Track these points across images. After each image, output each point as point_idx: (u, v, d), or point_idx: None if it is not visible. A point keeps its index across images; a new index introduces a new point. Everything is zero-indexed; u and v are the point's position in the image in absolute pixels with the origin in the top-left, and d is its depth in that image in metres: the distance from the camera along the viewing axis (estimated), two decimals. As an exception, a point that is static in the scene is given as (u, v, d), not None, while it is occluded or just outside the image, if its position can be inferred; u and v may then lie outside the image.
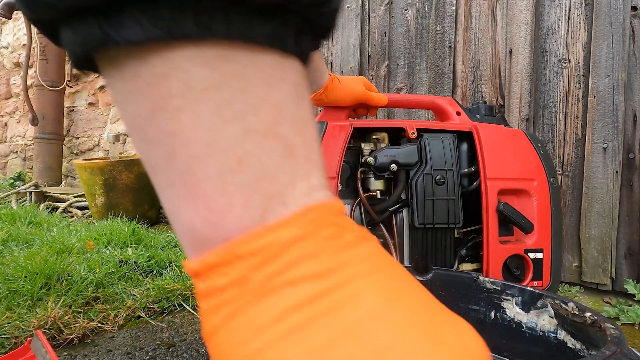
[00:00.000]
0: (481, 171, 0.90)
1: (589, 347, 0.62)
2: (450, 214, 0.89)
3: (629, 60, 1.17)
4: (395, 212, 0.93)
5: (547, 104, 1.28)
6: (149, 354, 0.79)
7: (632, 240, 1.17)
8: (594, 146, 1.21)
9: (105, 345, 0.81)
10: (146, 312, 0.97)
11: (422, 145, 0.92)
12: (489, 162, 0.90)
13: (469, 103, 1.40)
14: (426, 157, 0.90)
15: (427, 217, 0.88)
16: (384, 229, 0.92)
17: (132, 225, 1.70)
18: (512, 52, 1.33)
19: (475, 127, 0.94)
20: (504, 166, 0.91)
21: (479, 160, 0.91)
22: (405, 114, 1.51)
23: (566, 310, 0.66)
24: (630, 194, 1.17)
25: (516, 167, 0.92)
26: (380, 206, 0.93)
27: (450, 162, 0.90)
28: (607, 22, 1.19)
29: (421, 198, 0.89)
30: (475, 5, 1.40)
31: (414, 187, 0.90)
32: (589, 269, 1.21)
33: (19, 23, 3.61)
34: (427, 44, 1.48)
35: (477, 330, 0.23)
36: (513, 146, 0.94)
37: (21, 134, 3.76)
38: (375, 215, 0.92)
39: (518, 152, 0.93)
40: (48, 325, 0.82)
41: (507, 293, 0.77)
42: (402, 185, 0.92)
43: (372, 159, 0.91)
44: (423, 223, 0.89)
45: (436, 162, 0.90)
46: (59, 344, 0.80)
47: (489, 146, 0.91)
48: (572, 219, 1.25)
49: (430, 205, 0.88)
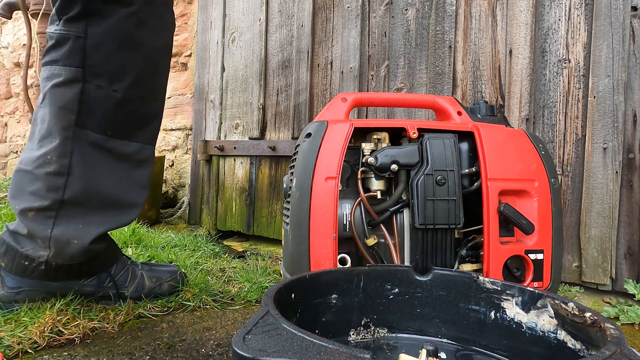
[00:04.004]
0: (482, 172, 0.90)
1: (589, 347, 0.62)
2: (450, 214, 0.89)
3: (629, 60, 1.17)
4: (396, 212, 0.93)
5: (547, 104, 1.28)
6: (149, 354, 0.79)
7: (632, 240, 1.17)
8: (594, 146, 1.21)
9: (105, 345, 0.81)
10: (146, 312, 0.97)
11: (423, 145, 0.91)
12: (490, 162, 0.90)
13: (469, 103, 1.40)
14: (427, 158, 0.90)
15: (428, 217, 0.88)
16: (384, 229, 0.92)
17: (132, 225, 1.70)
18: (512, 52, 1.33)
19: (476, 127, 0.93)
20: (505, 167, 0.91)
21: (480, 160, 0.90)
22: (406, 113, 1.51)
23: (566, 310, 0.66)
24: (630, 194, 1.17)
25: (517, 167, 0.92)
26: (381, 206, 0.92)
27: (451, 163, 0.90)
28: (607, 22, 1.19)
29: (422, 198, 0.88)
30: (475, 5, 1.40)
31: (414, 188, 0.89)
32: (589, 269, 1.21)
33: (19, 23, 3.61)
34: (427, 44, 1.48)
35: (477, 330, 0.23)
36: (514, 146, 0.93)
37: (21, 134, 3.76)
38: (376, 216, 0.92)
39: (519, 153, 0.93)
40: (48, 329, 0.82)
41: (507, 293, 0.77)
42: (402, 185, 0.92)
43: (373, 159, 0.90)
44: (424, 223, 0.88)
45: (437, 163, 0.90)
46: (59, 344, 0.80)
47: (490, 147, 0.91)
48: (572, 219, 1.25)
49: (431, 206, 0.88)
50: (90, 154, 0.90)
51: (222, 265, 1.43)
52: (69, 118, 0.87)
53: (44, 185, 0.86)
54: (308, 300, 0.80)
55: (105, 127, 0.91)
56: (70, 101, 0.87)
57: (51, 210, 0.87)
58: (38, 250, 0.88)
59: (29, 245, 0.89)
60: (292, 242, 0.89)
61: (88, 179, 0.90)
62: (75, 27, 0.87)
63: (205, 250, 1.62)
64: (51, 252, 0.88)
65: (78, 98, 0.88)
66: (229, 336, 0.89)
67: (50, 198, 0.87)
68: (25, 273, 0.89)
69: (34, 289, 0.90)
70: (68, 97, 0.87)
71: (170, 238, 1.71)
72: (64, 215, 0.88)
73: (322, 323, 0.82)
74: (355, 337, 0.86)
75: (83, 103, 0.88)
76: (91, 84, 0.88)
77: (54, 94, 0.88)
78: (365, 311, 0.87)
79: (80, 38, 0.87)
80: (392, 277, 0.88)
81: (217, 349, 0.82)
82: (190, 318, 0.98)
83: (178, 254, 1.46)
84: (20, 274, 0.89)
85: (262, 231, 1.86)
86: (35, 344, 0.78)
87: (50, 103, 0.88)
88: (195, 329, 0.92)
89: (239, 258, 1.60)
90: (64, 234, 0.88)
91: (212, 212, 2.05)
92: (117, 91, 0.90)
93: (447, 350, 0.79)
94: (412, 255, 0.91)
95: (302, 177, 0.88)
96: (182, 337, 0.87)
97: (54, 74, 0.88)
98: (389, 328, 0.87)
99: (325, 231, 0.85)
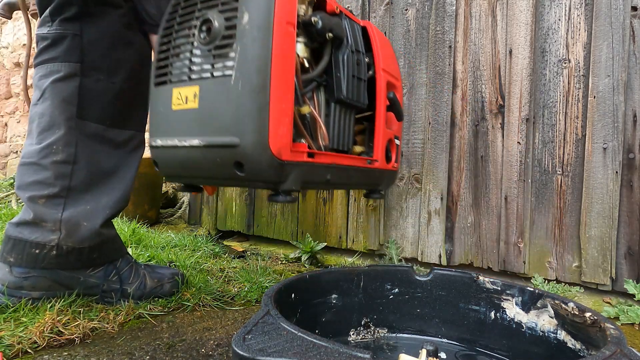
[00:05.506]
0: (376, 62, 0.94)
1: (589, 347, 0.62)
2: (361, 93, 0.90)
3: (629, 60, 1.17)
4: (319, 85, 0.86)
5: (547, 104, 1.28)
6: (149, 354, 0.79)
7: (632, 240, 1.17)
8: (594, 146, 1.21)
9: (105, 345, 0.81)
10: (146, 312, 0.97)
11: (343, 24, 0.88)
12: (382, 55, 0.96)
13: (469, 103, 1.40)
14: (347, 37, 0.88)
15: (349, 92, 0.86)
16: (309, 101, 0.84)
17: (132, 225, 1.70)
18: (512, 52, 1.33)
19: (367, 23, 0.98)
20: (387, 63, 0.98)
21: (374, 53, 0.94)
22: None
23: (566, 310, 0.66)
24: (630, 194, 1.18)
25: (394, 65, 1.02)
26: (306, 76, 0.82)
27: (361, 47, 0.92)
28: (607, 22, 1.19)
29: (348, 73, 0.85)
30: (475, 5, 1.40)
31: (341, 61, 0.85)
32: (589, 269, 1.21)
33: (19, 23, 3.61)
34: (427, 43, 1.48)
35: (477, 330, 0.23)
36: (389, 47, 1.02)
37: (21, 134, 3.76)
38: (302, 85, 0.81)
39: (391, 53, 1.02)
40: (48, 329, 0.82)
41: (507, 293, 0.77)
42: (327, 57, 0.84)
43: (317, 19, 0.79)
44: (346, 98, 0.85)
45: (354, 44, 0.89)
46: (59, 344, 0.80)
47: (379, 42, 0.96)
48: (572, 218, 1.25)
49: (353, 82, 0.87)
50: (92, 143, 0.95)
51: (222, 265, 1.43)
52: (71, 110, 0.93)
53: (52, 173, 0.91)
54: (308, 300, 0.80)
55: (104, 117, 0.97)
56: (70, 94, 0.92)
57: (60, 197, 0.92)
58: (48, 235, 0.90)
59: (37, 232, 0.90)
60: (244, 93, 0.68)
61: (91, 167, 0.95)
62: (71, 27, 0.93)
63: (205, 250, 1.62)
64: (62, 234, 0.91)
65: (77, 91, 0.93)
66: (229, 336, 0.89)
67: (59, 185, 0.91)
68: (36, 262, 0.90)
69: (41, 276, 0.91)
70: (69, 91, 0.92)
71: (170, 238, 1.71)
72: (72, 200, 0.93)
73: (322, 323, 0.82)
74: (355, 337, 0.86)
75: (82, 96, 0.93)
76: (90, 78, 0.94)
77: (54, 89, 0.92)
78: (365, 311, 0.87)
79: (77, 36, 0.93)
80: (392, 277, 0.88)
81: (217, 349, 0.82)
82: (190, 318, 0.98)
83: (178, 254, 1.46)
84: (31, 265, 0.90)
85: (262, 231, 1.86)
86: (35, 343, 0.78)
87: (51, 97, 0.92)
88: (195, 329, 0.92)
89: (239, 258, 1.60)
90: (74, 216, 0.92)
91: (212, 212, 2.05)
92: (115, 83, 0.96)
93: (447, 351, 0.79)
94: (328, 130, 0.86)
95: (261, 17, 0.69)
96: (182, 337, 0.87)
97: (52, 70, 0.92)
98: (389, 328, 0.87)
99: (287, 81, 0.71)
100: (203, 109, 0.71)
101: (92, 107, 0.95)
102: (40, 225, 0.90)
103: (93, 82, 0.94)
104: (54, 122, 0.92)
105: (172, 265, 1.29)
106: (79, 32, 0.93)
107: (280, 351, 0.46)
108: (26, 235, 0.90)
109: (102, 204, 0.97)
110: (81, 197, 0.94)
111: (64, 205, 0.92)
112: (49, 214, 0.90)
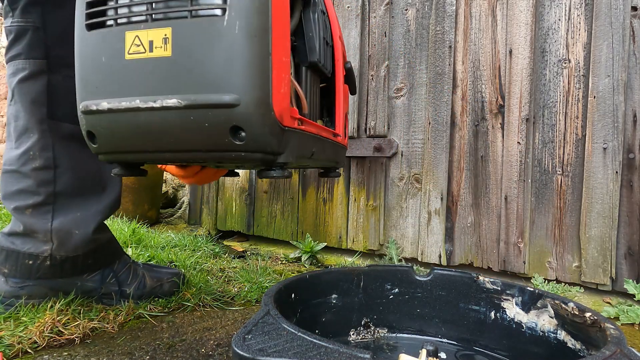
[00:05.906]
0: (333, 28, 0.87)
1: (589, 347, 0.62)
2: (329, 60, 0.82)
3: (629, 60, 1.17)
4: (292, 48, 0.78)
5: (547, 104, 1.28)
6: (149, 354, 0.79)
7: (632, 240, 1.17)
8: (594, 146, 1.21)
9: (105, 345, 0.81)
10: (146, 312, 0.97)
11: None
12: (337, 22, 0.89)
13: (469, 103, 1.40)
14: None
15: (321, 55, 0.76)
16: None
17: (132, 225, 1.70)
18: (512, 52, 1.33)
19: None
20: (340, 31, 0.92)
21: (331, 17, 0.86)
22: None
23: (566, 310, 0.66)
24: (630, 194, 1.18)
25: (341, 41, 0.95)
26: None
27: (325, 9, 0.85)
28: (607, 22, 1.19)
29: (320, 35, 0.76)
30: (475, 5, 1.40)
31: (312, 21, 0.74)
32: (589, 269, 1.21)
33: (19, 23, 3.61)
34: (427, 44, 1.48)
35: (477, 330, 0.23)
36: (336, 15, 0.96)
37: (21, 134, 3.76)
38: None
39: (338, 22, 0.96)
40: (48, 329, 0.82)
41: (507, 293, 0.77)
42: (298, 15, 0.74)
43: None
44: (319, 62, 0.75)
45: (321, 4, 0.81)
46: (59, 344, 0.80)
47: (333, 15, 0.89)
48: (572, 218, 1.25)
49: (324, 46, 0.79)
50: (70, 144, 0.90)
51: (222, 265, 1.43)
52: (42, 111, 0.87)
53: (34, 181, 0.87)
54: (308, 300, 0.80)
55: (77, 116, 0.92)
56: (39, 94, 0.86)
57: (47, 205, 0.88)
58: (40, 245, 0.88)
59: (29, 243, 0.88)
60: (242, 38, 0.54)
61: (75, 169, 0.90)
62: (32, 17, 0.85)
63: (205, 250, 1.62)
64: (54, 245, 0.88)
65: (46, 90, 0.87)
66: (229, 336, 0.89)
67: (43, 193, 0.87)
68: (30, 273, 0.89)
69: (37, 285, 0.90)
70: (37, 90, 0.86)
71: (170, 238, 1.71)
72: (60, 207, 0.89)
73: (322, 323, 0.82)
74: (355, 337, 0.86)
75: (52, 95, 0.87)
76: (59, 74, 0.87)
77: (22, 89, 0.86)
78: (365, 311, 0.87)
79: (39, 29, 0.85)
80: (392, 277, 0.88)
81: (217, 349, 0.82)
82: (190, 318, 0.98)
83: (178, 254, 1.46)
84: (26, 275, 0.89)
85: (262, 231, 1.86)
86: (35, 343, 0.78)
87: (20, 99, 0.87)
88: (195, 329, 0.92)
89: (239, 258, 1.60)
90: (64, 224, 0.89)
91: (212, 212, 2.05)
92: None
93: (447, 350, 0.79)
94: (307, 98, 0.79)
95: None
96: (182, 337, 0.87)
97: (18, 68, 0.86)
98: (389, 328, 0.88)
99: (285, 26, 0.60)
100: (180, 57, 0.54)
101: (64, 106, 0.88)
102: (32, 236, 0.88)
103: (62, 79, 0.87)
104: (27, 125, 0.86)
105: (172, 265, 1.29)
106: (40, 24, 0.85)
107: (280, 351, 0.46)
108: (19, 246, 0.88)
109: (92, 209, 0.93)
110: (70, 203, 0.90)
111: (52, 214, 0.88)
112: (38, 224, 0.87)
